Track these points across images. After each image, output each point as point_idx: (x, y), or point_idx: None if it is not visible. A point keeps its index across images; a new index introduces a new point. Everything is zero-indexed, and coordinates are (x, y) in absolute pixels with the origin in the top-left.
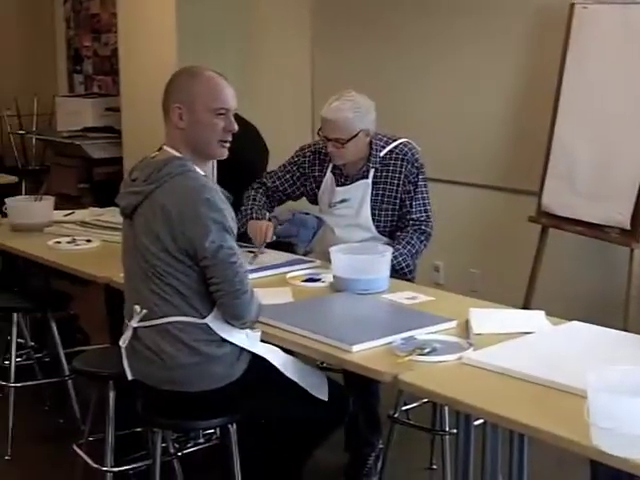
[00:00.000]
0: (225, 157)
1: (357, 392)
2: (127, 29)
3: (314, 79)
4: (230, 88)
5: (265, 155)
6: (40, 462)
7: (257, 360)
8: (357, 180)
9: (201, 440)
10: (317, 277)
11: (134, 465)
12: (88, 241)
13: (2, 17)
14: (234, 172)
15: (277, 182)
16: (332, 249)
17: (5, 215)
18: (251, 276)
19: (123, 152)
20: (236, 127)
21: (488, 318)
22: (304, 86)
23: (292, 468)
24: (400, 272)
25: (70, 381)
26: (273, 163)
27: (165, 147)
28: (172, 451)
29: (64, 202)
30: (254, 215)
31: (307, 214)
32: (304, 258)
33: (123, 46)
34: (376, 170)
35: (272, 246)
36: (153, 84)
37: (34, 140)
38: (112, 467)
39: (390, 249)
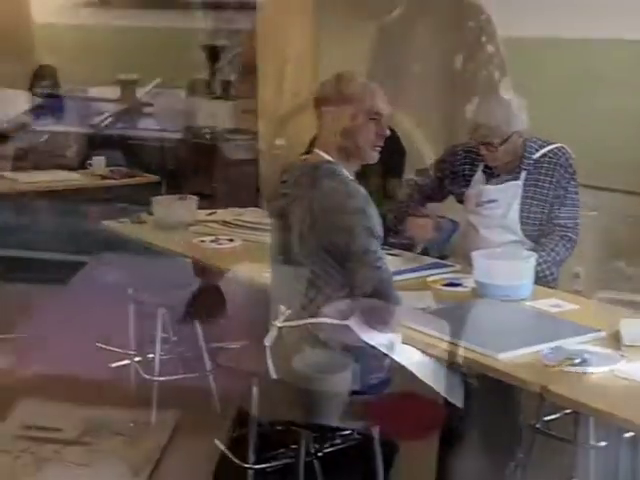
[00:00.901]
0: (376, 161)
1: (499, 400)
2: (265, 32)
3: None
4: (382, 93)
5: (402, 159)
6: (181, 455)
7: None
8: (508, 181)
9: (338, 441)
10: (458, 282)
11: (275, 463)
12: (230, 240)
13: None
14: (371, 175)
15: (427, 180)
16: (474, 254)
17: (151, 213)
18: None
19: (258, 154)
20: (388, 132)
21: None
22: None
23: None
24: (543, 280)
25: (211, 376)
26: (409, 166)
27: (316, 150)
28: (312, 451)
29: (201, 202)
30: (410, 211)
31: (442, 217)
32: (444, 262)
33: (261, 49)
34: (528, 172)
35: (403, 249)
36: (289, 87)
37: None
38: (254, 464)
39: (534, 255)
